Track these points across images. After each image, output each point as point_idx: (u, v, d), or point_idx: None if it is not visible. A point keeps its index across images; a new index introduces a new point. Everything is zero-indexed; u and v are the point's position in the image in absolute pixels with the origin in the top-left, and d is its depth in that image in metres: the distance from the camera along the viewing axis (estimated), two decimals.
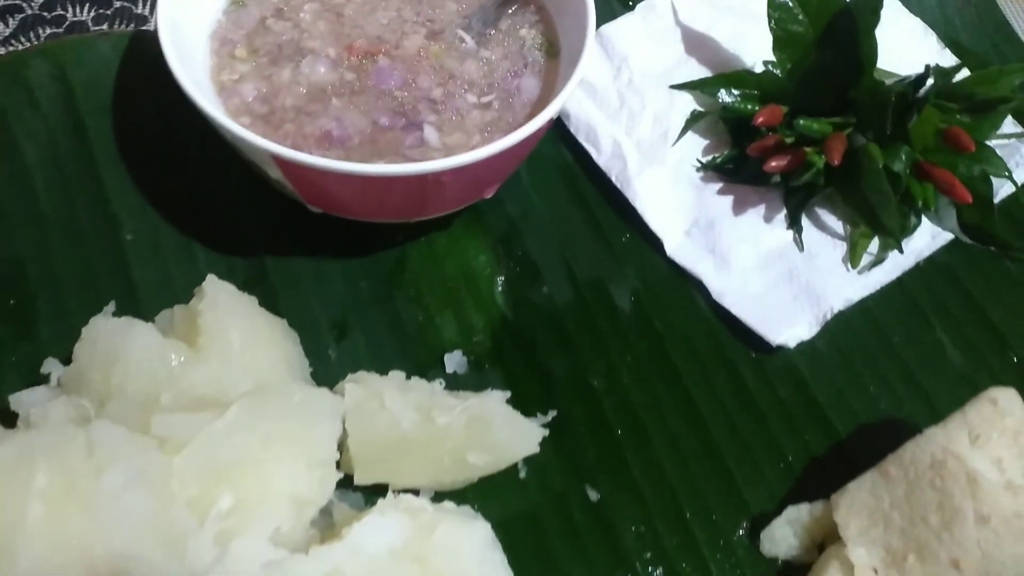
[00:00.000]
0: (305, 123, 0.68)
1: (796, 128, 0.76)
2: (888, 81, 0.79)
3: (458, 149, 0.68)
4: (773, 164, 0.77)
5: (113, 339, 0.59)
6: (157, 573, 0.42)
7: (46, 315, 0.71)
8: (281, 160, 0.61)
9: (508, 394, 0.64)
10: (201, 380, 0.58)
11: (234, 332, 0.61)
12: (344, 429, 0.60)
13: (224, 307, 0.62)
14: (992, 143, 0.82)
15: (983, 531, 0.57)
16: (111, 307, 0.65)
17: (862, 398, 0.73)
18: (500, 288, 0.76)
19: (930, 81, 0.75)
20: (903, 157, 0.76)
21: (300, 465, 0.54)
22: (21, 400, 0.62)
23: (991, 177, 0.80)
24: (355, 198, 0.66)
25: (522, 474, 0.67)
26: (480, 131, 0.70)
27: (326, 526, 0.59)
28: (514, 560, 0.60)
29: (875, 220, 0.78)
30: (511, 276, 0.77)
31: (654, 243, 0.79)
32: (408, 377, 0.66)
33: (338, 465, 0.61)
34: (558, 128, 0.84)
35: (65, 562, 0.42)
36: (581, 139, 0.83)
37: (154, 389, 0.57)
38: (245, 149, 0.63)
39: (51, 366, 0.64)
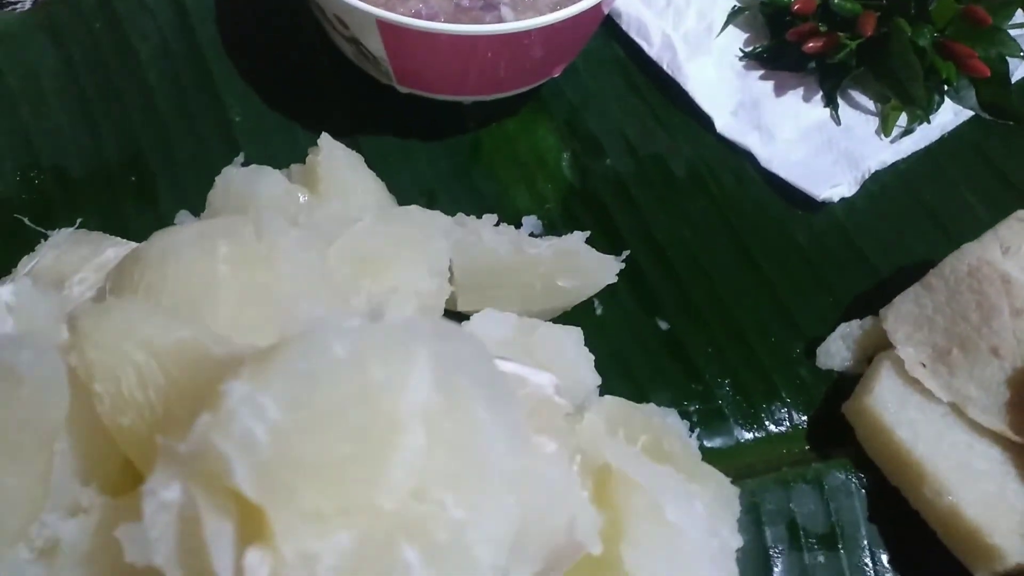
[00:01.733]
0: (396, 5, 0.76)
1: (831, 7, 0.85)
2: None
3: None
4: (811, 45, 0.86)
5: (244, 183, 0.68)
6: (326, 315, 0.50)
7: (165, 189, 0.80)
8: (385, 25, 0.70)
9: (588, 234, 0.72)
10: (325, 217, 0.66)
11: (350, 176, 0.70)
12: None
13: (340, 158, 0.70)
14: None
15: (1018, 322, 0.65)
16: (240, 158, 0.74)
17: (899, 244, 0.80)
18: (566, 163, 0.85)
19: None
20: (927, 34, 0.85)
21: (423, 269, 0.62)
22: None
23: (1007, 58, 0.89)
24: (445, 65, 0.74)
25: (598, 311, 0.76)
26: (550, 9, 0.78)
27: None
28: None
29: (904, 92, 0.86)
30: (576, 152, 0.85)
31: (704, 122, 0.87)
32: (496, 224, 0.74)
33: None
34: (610, 28, 0.92)
35: (253, 306, 0.50)
36: (632, 34, 0.91)
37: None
38: (351, 19, 0.72)
39: (183, 217, 0.73)
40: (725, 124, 0.87)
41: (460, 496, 0.38)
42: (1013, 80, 0.90)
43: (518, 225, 0.79)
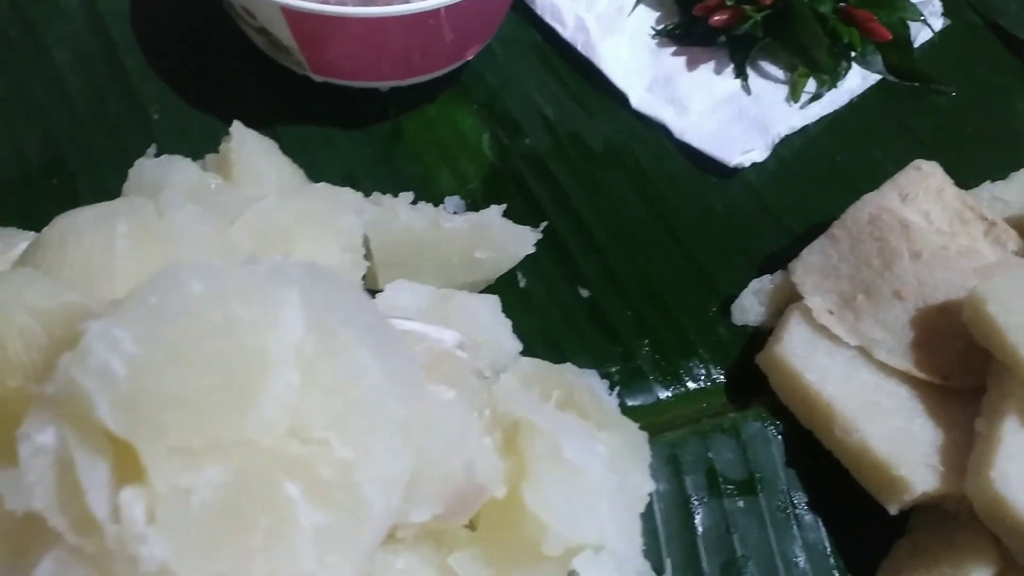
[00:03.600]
0: None
1: None
2: None
3: None
4: (717, 18, 0.89)
5: (156, 172, 0.68)
6: None
7: (86, 190, 0.80)
8: (291, 12, 0.71)
9: (504, 207, 0.74)
10: (232, 197, 0.67)
11: (263, 163, 0.70)
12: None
13: (252, 144, 0.71)
14: None
15: (917, 264, 0.68)
16: (153, 149, 0.74)
17: (811, 204, 0.83)
18: (486, 144, 0.86)
19: None
20: (827, 1, 0.88)
21: (332, 244, 0.63)
22: None
23: (908, 22, 0.92)
24: (356, 50, 0.76)
25: (522, 284, 0.77)
26: None
27: None
28: (523, 348, 0.69)
29: (809, 59, 0.89)
30: (496, 133, 0.87)
31: (620, 99, 0.89)
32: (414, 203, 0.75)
33: (364, 280, 0.70)
34: (525, 13, 0.94)
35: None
36: (547, 18, 0.93)
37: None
38: (258, 10, 0.73)
39: None
40: (640, 100, 0.89)
41: (346, 436, 0.39)
42: (916, 44, 0.94)
43: (441, 206, 0.81)
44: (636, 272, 0.78)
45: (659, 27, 0.93)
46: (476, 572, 0.49)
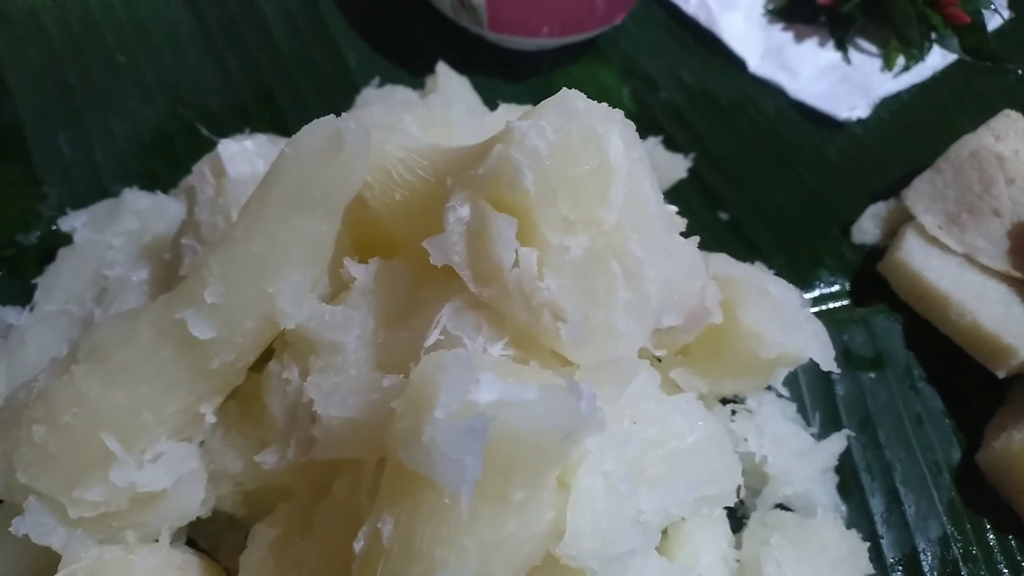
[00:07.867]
0: None
1: None
2: None
3: None
4: (824, 0, 1.04)
5: (383, 96, 0.82)
6: None
7: (294, 122, 0.92)
8: None
9: (661, 137, 0.88)
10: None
11: (465, 93, 0.85)
12: None
13: (454, 77, 0.86)
14: None
15: (1011, 188, 0.82)
16: (376, 81, 0.89)
17: (907, 153, 0.97)
18: (627, 96, 1.01)
19: None
20: None
21: None
22: None
23: (982, 11, 1.08)
24: (533, 7, 0.91)
25: None
26: None
27: None
28: None
29: (902, 36, 1.04)
30: (635, 88, 1.01)
31: (738, 65, 1.04)
32: None
33: None
34: None
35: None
36: None
37: None
38: None
39: None
40: (756, 65, 1.04)
41: (639, 240, 0.52)
42: (990, 29, 1.09)
43: None
44: (767, 201, 0.92)
45: (769, 7, 1.09)
46: (693, 382, 0.63)
